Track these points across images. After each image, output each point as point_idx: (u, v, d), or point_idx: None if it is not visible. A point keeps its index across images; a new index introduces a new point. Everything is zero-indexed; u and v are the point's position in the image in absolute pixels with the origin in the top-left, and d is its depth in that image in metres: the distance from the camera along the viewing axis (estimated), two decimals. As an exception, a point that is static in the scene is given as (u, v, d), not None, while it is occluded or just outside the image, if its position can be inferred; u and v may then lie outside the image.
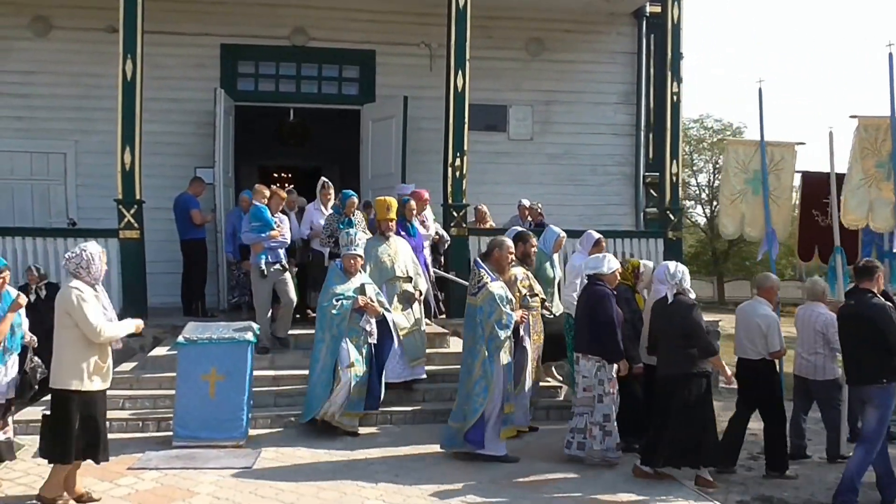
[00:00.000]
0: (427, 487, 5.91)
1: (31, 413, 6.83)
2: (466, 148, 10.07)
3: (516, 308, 6.72)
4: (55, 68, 11.15)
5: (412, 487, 5.89)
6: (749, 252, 31.60)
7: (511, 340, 6.59)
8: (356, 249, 7.39)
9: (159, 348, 8.58)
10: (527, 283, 7.21)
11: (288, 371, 8.17)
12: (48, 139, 11.15)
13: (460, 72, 9.96)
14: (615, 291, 6.66)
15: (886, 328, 5.77)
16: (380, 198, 8.31)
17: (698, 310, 6.25)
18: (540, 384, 8.01)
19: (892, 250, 7.97)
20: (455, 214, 9.99)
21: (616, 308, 6.50)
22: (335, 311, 7.12)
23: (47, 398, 5.63)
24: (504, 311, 6.43)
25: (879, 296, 6.11)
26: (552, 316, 7.75)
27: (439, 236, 9.80)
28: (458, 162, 10.01)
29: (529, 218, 11.12)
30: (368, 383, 7.20)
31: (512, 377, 6.63)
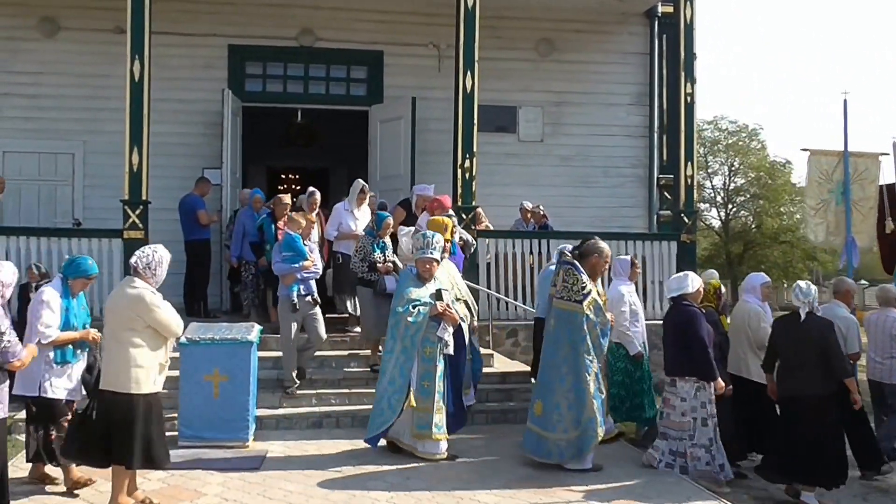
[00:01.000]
0: (438, 490, 5.84)
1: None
2: (476, 149, 9.97)
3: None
4: (63, 69, 11.14)
5: (423, 492, 5.81)
6: (764, 256, 31.36)
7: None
8: (433, 253, 6.78)
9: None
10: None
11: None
12: (56, 140, 11.14)
13: (469, 72, 9.86)
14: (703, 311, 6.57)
15: None
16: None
17: (835, 329, 6.18)
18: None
19: None
20: (464, 216, 9.87)
21: (707, 326, 6.41)
22: (412, 319, 6.50)
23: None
24: (607, 320, 6.31)
25: None
26: None
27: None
28: (468, 163, 9.91)
29: (532, 220, 10.95)
30: (448, 400, 6.66)
31: None
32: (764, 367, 6.55)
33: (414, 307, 6.51)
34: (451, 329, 6.59)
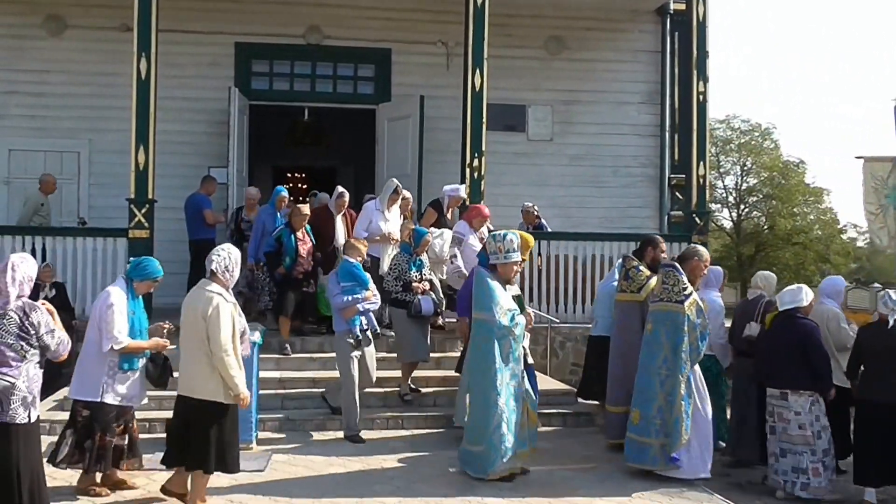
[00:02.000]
0: (445, 493, 5.79)
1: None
2: (484, 148, 9.88)
3: None
4: (69, 67, 11.12)
5: (430, 498, 5.75)
6: (776, 257, 31.11)
7: None
8: (517, 255, 6.40)
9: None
10: None
11: (294, 374, 8.08)
12: (62, 138, 11.12)
13: (478, 71, 9.78)
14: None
15: None
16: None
17: None
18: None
19: None
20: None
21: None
22: (518, 332, 6.13)
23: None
24: (707, 323, 6.21)
25: None
26: None
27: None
28: (476, 163, 9.82)
29: (525, 221, 10.62)
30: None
31: None
32: (848, 374, 6.51)
33: (514, 320, 6.13)
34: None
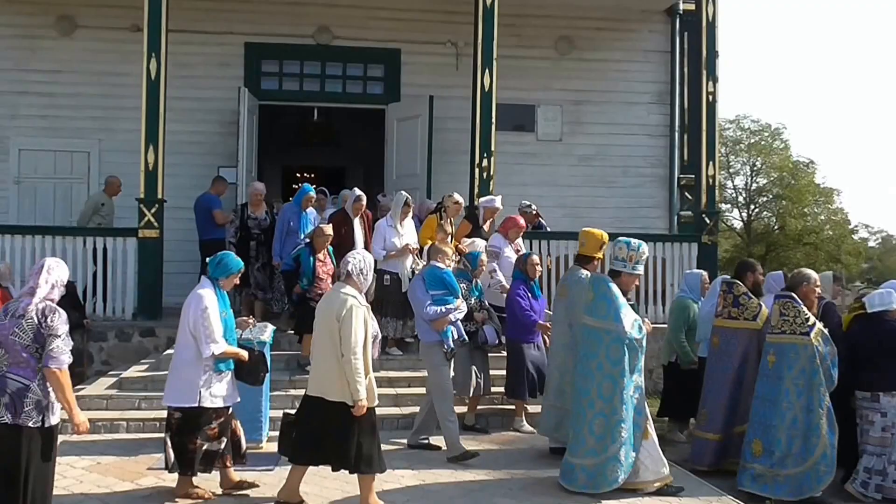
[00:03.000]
0: (455, 492, 5.78)
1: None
2: (494, 148, 9.88)
3: None
4: (80, 67, 11.16)
5: (440, 494, 5.75)
6: (786, 257, 30.95)
7: None
8: (641, 268, 6.21)
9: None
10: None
11: (305, 375, 7.98)
12: (72, 138, 11.15)
13: (487, 71, 9.78)
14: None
15: None
16: (589, 230, 6.84)
17: None
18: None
19: None
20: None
21: None
22: (644, 343, 5.99)
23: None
24: (835, 350, 6.12)
25: None
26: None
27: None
28: (486, 163, 9.82)
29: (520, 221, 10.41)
30: None
31: None
32: None
33: (641, 329, 5.96)
34: None
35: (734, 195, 33.05)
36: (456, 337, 6.62)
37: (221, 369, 5.42)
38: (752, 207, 33.24)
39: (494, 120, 9.81)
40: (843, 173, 60.91)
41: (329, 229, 8.18)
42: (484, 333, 7.29)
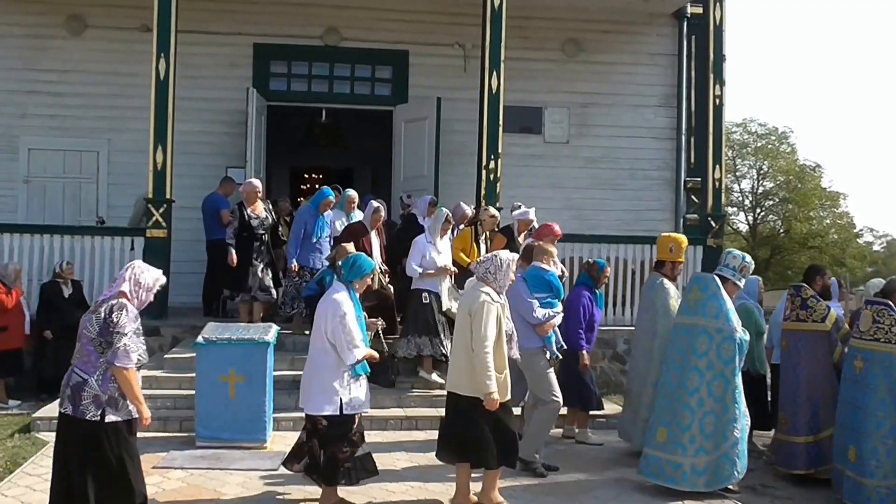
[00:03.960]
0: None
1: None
2: (501, 150, 9.88)
3: None
4: (89, 67, 11.18)
5: (439, 485, 5.80)
6: (791, 261, 30.90)
7: None
8: (743, 282, 6.57)
9: (178, 348, 8.53)
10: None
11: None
12: (81, 138, 11.17)
13: (495, 73, 9.78)
14: None
15: None
16: (669, 234, 6.96)
17: None
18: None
19: None
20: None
21: None
22: (745, 348, 6.11)
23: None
24: None
25: None
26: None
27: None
28: (493, 164, 9.82)
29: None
30: None
31: None
32: None
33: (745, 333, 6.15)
34: None
35: (740, 198, 33.02)
36: (559, 342, 6.59)
37: (359, 373, 5.39)
38: (758, 211, 33.19)
39: (502, 122, 9.82)
40: (850, 177, 60.87)
41: (351, 248, 7.89)
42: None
